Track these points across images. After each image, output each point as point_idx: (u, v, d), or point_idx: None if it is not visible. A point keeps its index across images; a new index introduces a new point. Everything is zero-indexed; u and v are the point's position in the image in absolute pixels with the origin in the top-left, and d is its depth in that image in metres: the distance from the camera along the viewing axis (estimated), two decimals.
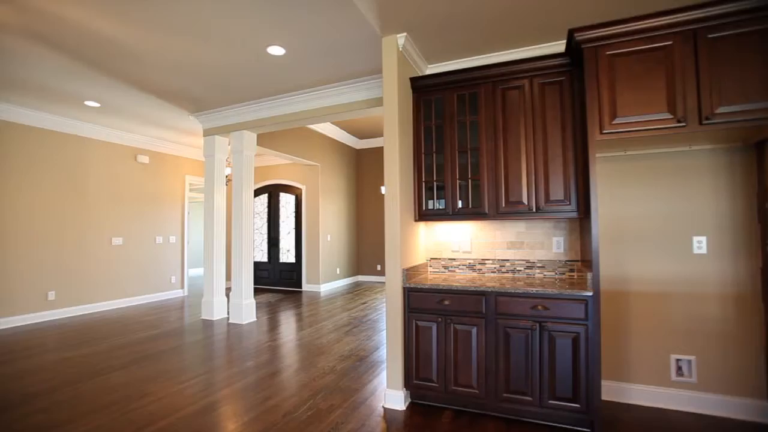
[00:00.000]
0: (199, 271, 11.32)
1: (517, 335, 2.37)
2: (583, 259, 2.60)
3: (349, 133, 8.12)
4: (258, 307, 6.03)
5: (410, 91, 2.93)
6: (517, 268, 2.92)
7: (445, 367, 2.53)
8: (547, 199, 2.56)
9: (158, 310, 5.95)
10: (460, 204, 2.80)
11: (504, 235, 2.98)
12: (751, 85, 1.97)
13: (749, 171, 2.46)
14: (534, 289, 2.33)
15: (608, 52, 2.23)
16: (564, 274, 2.80)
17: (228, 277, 8.26)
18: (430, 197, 2.91)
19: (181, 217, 7.27)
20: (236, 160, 5.04)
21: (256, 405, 2.68)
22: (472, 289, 2.46)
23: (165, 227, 6.97)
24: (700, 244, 2.54)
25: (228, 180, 6.67)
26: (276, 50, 3.20)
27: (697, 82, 2.06)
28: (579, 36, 2.25)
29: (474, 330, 2.46)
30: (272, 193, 8.15)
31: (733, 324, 2.48)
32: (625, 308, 2.69)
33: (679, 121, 2.07)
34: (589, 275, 2.25)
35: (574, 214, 2.51)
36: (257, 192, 8.31)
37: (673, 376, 2.58)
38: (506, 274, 2.94)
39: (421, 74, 3.17)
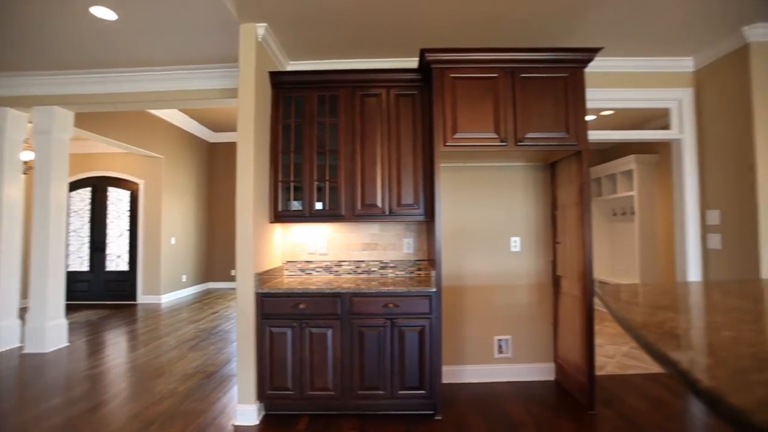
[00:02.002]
0: None
1: (370, 333, 2.47)
2: (429, 258, 2.88)
3: (202, 124, 7.32)
4: (73, 328, 4.88)
5: (269, 86, 2.79)
6: (372, 269, 3.07)
7: (301, 373, 2.47)
8: (399, 203, 2.75)
9: None
10: (317, 205, 2.79)
11: (359, 237, 3.09)
12: (547, 118, 2.50)
13: (547, 185, 3.12)
14: (386, 288, 2.47)
15: (452, 75, 2.52)
16: (413, 272, 3.06)
17: (25, 294, 6.49)
18: (287, 198, 2.82)
19: None
20: (40, 143, 3.98)
21: None
22: (328, 291, 2.47)
23: None
24: (515, 244, 3.10)
25: (27, 168, 5.21)
26: (103, 12, 2.63)
27: (514, 110, 2.50)
28: (429, 56, 2.49)
29: (330, 332, 2.47)
30: (98, 187, 6.74)
31: (536, 306, 3.09)
32: (462, 300, 3.08)
33: (502, 141, 2.48)
34: (433, 273, 2.50)
35: (422, 217, 2.76)
36: (75, 185, 6.72)
37: (496, 354, 3.07)
38: (361, 275, 3.05)
39: (282, 69, 3.05)
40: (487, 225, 3.11)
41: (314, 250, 3.09)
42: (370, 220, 2.77)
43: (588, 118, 4.30)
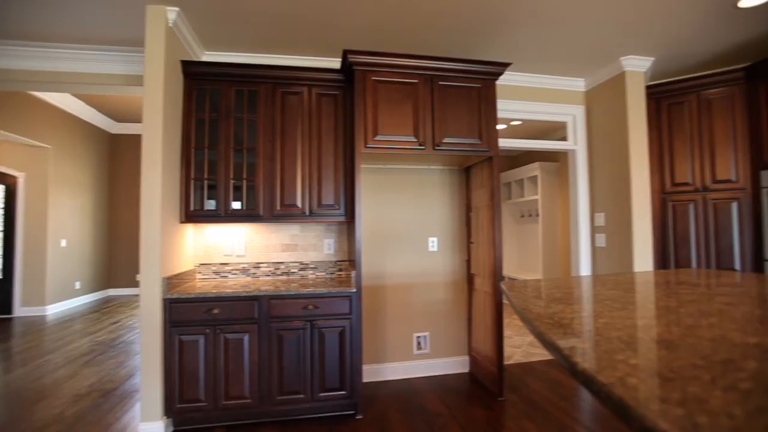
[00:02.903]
0: None
1: (290, 336, 2.41)
2: (350, 259, 2.89)
3: (101, 112, 6.51)
4: None
5: (181, 75, 2.58)
6: (292, 270, 2.99)
7: (215, 383, 2.32)
8: (320, 204, 2.72)
9: None
10: (234, 205, 2.64)
11: (279, 238, 2.99)
12: (462, 125, 2.66)
13: (463, 188, 3.32)
14: (306, 290, 2.42)
15: (374, 77, 2.56)
16: (334, 273, 3.05)
17: None
18: (201, 197, 2.63)
19: None
20: None
21: None
22: (245, 294, 2.36)
23: None
24: (433, 244, 3.24)
25: None
26: None
27: (432, 116, 2.62)
28: (352, 58, 2.50)
29: (246, 337, 2.36)
30: None
31: (452, 303, 3.27)
32: (382, 299, 3.15)
33: (420, 144, 2.58)
34: (353, 273, 2.51)
35: (343, 218, 2.76)
36: None
37: (415, 351, 3.18)
38: (281, 277, 2.96)
39: (196, 59, 2.84)
40: (407, 226, 3.21)
41: (230, 252, 2.92)
42: (290, 221, 2.70)
43: (499, 126, 4.67)
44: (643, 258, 3.16)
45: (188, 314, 2.30)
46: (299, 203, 2.70)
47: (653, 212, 3.27)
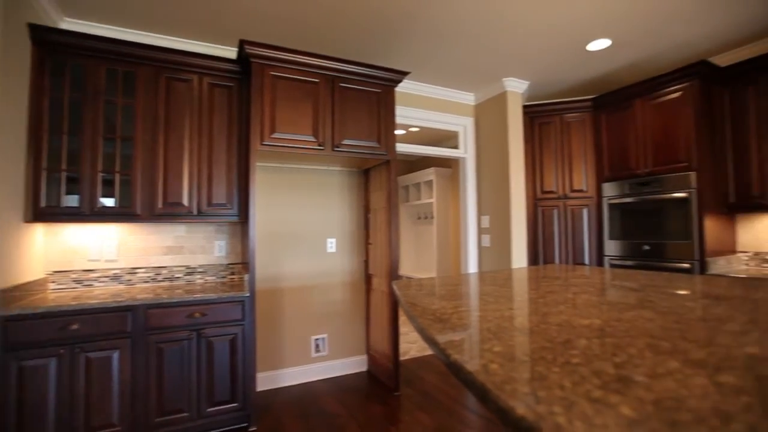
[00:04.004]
0: None
1: (172, 349, 2.17)
2: (244, 261, 2.73)
3: None
4: None
5: (28, 42, 2.15)
6: (176, 276, 2.71)
7: (71, 414, 1.97)
8: (210, 203, 2.52)
9: None
10: (105, 202, 2.29)
11: (161, 240, 2.68)
12: (362, 128, 2.71)
13: (362, 189, 3.38)
14: (192, 296, 2.21)
15: (273, 72, 2.46)
16: (225, 277, 2.84)
17: None
18: (57, 191, 2.22)
19: None
20: None
21: None
22: (114, 304, 2.05)
23: None
24: (332, 245, 3.24)
25: None
26: None
27: (332, 117, 2.62)
28: (249, 49, 2.37)
29: (116, 354, 2.05)
30: None
31: (350, 303, 3.31)
32: (279, 302, 3.04)
33: (320, 145, 2.56)
34: (247, 276, 2.38)
35: (236, 218, 2.60)
36: None
37: (313, 353, 3.14)
38: (162, 283, 2.66)
39: (52, 26, 2.39)
40: (305, 227, 3.16)
41: (98, 257, 2.52)
42: (174, 221, 2.44)
43: (398, 132, 4.88)
44: (519, 256, 3.60)
45: (34, 334, 1.91)
46: (186, 201, 2.45)
47: (528, 216, 3.75)
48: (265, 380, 2.94)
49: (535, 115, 3.78)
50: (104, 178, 2.29)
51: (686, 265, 2.88)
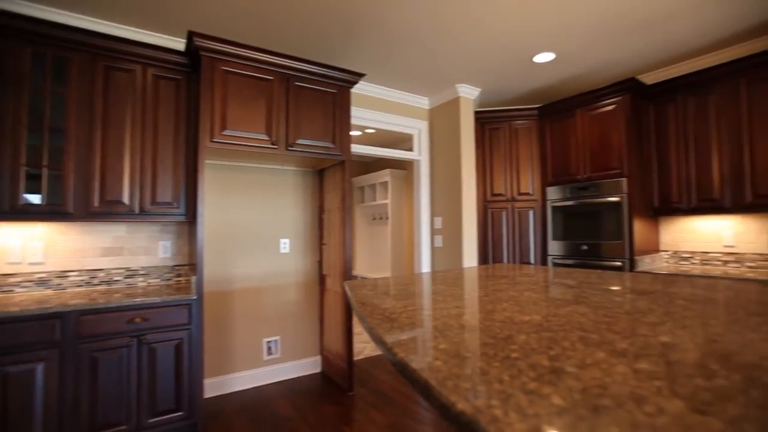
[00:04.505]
0: None
1: (108, 358, 2.02)
2: (191, 263, 2.61)
3: None
4: None
5: None
6: (115, 279, 2.52)
7: None
8: (154, 201, 2.37)
9: None
10: (30, 198, 2.09)
11: (97, 240, 2.49)
12: (317, 128, 2.69)
13: (316, 190, 3.35)
14: (131, 301, 2.08)
15: (224, 68, 2.37)
16: (171, 279, 2.69)
17: None
18: None
19: None
20: None
21: None
22: (39, 311, 1.87)
23: None
24: (285, 245, 3.18)
25: None
26: None
27: (287, 116, 2.57)
28: (198, 42, 2.26)
29: (40, 367, 1.87)
30: None
31: (304, 304, 3.26)
32: (230, 305, 2.93)
33: (273, 144, 2.50)
34: (194, 278, 2.27)
35: (183, 218, 2.47)
36: None
37: (265, 356, 3.06)
38: (99, 287, 2.47)
39: None
40: (258, 227, 3.07)
41: (20, 259, 2.29)
42: (113, 220, 2.28)
43: (354, 133, 4.88)
44: (470, 255, 3.73)
45: None
46: (126, 200, 2.29)
47: (478, 217, 3.90)
48: (215, 386, 2.83)
49: (485, 121, 3.93)
50: (29, 172, 2.08)
51: (618, 263, 3.14)
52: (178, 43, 2.79)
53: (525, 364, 0.56)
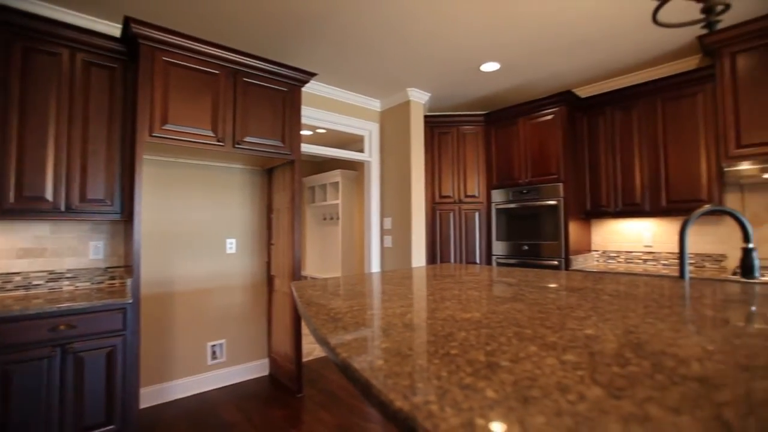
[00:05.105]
0: None
1: (25, 371, 1.83)
2: (127, 264, 2.43)
3: None
4: None
5: None
6: (34, 283, 2.28)
7: None
8: (84, 198, 2.18)
9: None
10: None
11: (12, 241, 2.24)
12: (266, 126, 2.62)
13: (264, 189, 3.26)
14: (55, 306, 1.90)
15: (166, 58, 2.24)
16: (103, 282, 2.49)
17: None
18: None
19: None
20: None
21: None
22: None
23: None
24: (231, 245, 3.06)
25: None
26: None
27: (234, 112, 2.48)
28: (136, 29, 2.12)
29: None
30: None
31: (251, 306, 3.16)
32: (171, 309, 2.77)
33: (219, 141, 2.40)
34: (130, 281, 2.12)
35: (118, 216, 2.30)
36: None
37: (209, 361, 2.92)
38: (15, 293, 2.22)
39: None
40: (203, 226, 2.93)
41: None
42: (33, 218, 2.06)
43: (306, 132, 4.81)
44: (419, 256, 3.82)
45: None
46: (50, 196, 2.09)
47: (427, 218, 4.00)
48: (154, 395, 2.66)
49: (435, 125, 4.05)
50: None
51: (555, 262, 3.36)
52: (116, 29, 2.59)
53: (463, 360, 0.59)
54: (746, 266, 1.27)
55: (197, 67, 2.35)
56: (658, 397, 0.46)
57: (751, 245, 1.27)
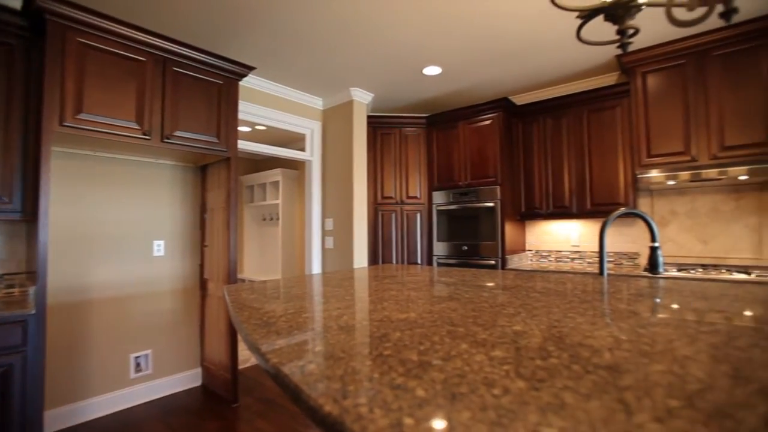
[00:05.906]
0: None
1: None
2: (30, 270, 2.15)
3: None
4: None
5: None
6: None
7: None
8: None
9: None
10: None
11: None
12: (199, 120, 2.47)
13: (197, 187, 3.06)
14: None
15: (81, 39, 2.02)
16: None
17: None
18: None
19: None
20: None
21: None
22: None
23: None
24: (159, 248, 2.83)
25: None
26: None
27: (162, 103, 2.30)
28: (42, 2, 1.87)
29: None
30: None
31: (182, 312, 2.95)
32: (87, 319, 2.49)
33: (145, 134, 2.21)
34: (33, 289, 1.88)
35: (18, 215, 2.02)
36: None
37: (133, 374, 2.68)
38: None
39: None
40: (126, 227, 2.68)
41: None
42: None
43: (243, 128, 4.60)
44: (361, 257, 3.81)
45: None
46: None
47: (368, 219, 4.00)
48: (65, 416, 2.37)
49: (377, 126, 4.07)
50: None
51: (493, 262, 3.53)
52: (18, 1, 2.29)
53: (396, 361, 0.59)
54: (653, 263, 1.43)
55: (120, 52, 2.14)
56: (573, 386, 0.49)
57: (656, 244, 1.42)
